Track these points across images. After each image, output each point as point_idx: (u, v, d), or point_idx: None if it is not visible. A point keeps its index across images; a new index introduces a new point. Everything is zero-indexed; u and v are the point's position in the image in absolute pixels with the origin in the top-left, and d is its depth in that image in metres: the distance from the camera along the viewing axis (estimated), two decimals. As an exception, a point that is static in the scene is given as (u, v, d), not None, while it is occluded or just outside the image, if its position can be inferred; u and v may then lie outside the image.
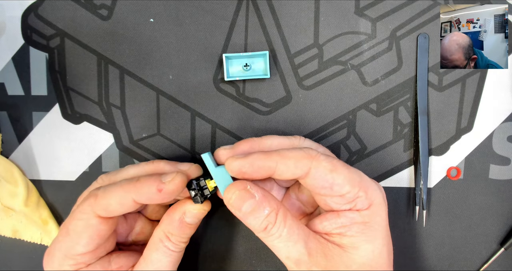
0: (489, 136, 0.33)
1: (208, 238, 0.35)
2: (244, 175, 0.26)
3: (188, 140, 0.34)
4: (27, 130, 0.35)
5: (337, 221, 0.26)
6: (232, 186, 0.26)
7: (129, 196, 0.27)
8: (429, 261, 0.34)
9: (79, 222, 0.27)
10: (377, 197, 0.27)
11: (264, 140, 0.29)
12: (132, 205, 0.27)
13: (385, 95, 0.33)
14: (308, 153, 0.26)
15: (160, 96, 0.34)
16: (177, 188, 0.27)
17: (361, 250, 0.26)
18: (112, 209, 0.27)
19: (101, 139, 0.35)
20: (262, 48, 0.33)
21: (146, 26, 0.33)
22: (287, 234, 0.25)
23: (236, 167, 0.26)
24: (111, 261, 0.29)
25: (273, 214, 0.25)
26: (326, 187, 0.26)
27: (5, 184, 0.35)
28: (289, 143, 0.29)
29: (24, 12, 0.34)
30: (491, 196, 0.33)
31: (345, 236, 0.26)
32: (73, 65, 0.34)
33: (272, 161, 0.26)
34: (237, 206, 0.26)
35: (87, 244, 0.27)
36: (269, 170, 0.26)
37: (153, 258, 0.29)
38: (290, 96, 0.33)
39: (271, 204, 0.26)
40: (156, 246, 0.29)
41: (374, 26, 0.33)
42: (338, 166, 0.26)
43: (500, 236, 0.34)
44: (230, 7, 0.33)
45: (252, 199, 0.26)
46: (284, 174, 0.26)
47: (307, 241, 0.25)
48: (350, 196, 0.26)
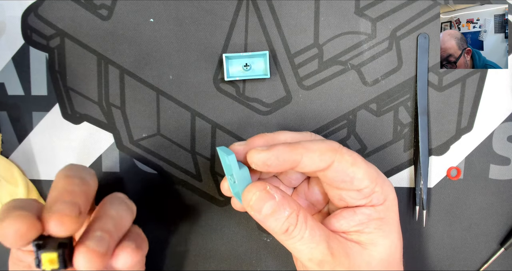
0: (489, 136, 0.33)
1: (208, 238, 0.35)
2: (268, 168, 0.25)
3: (188, 140, 0.34)
4: (27, 130, 0.35)
5: (355, 218, 0.26)
6: (252, 186, 0.25)
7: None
8: (429, 261, 0.34)
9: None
10: (391, 192, 0.27)
11: (277, 135, 0.28)
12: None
13: (385, 95, 0.33)
14: (331, 145, 0.26)
15: (160, 96, 0.34)
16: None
17: (379, 246, 0.26)
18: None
19: (101, 139, 0.35)
20: (262, 48, 0.33)
21: (146, 26, 0.33)
22: (309, 236, 0.24)
23: (261, 160, 0.25)
24: None
25: (294, 216, 0.25)
26: (347, 180, 0.26)
27: (5, 184, 0.35)
28: (302, 137, 0.28)
29: (24, 12, 0.34)
30: (491, 196, 0.33)
31: (364, 233, 0.26)
32: (73, 65, 0.34)
33: (298, 154, 0.25)
34: (257, 208, 0.25)
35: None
36: (294, 163, 0.25)
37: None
38: (290, 96, 0.33)
39: (291, 205, 0.25)
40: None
41: (374, 26, 0.33)
42: (359, 160, 0.26)
43: (500, 236, 0.34)
44: (230, 7, 0.33)
45: (272, 200, 0.25)
46: (307, 167, 0.25)
47: (329, 242, 0.25)
48: (367, 191, 0.26)
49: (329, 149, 0.26)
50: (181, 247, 0.35)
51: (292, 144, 0.25)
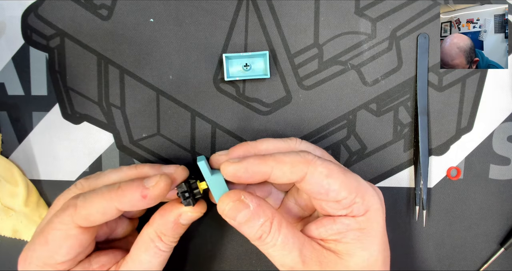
0: (489, 136, 0.33)
1: (208, 238, 0.35)
2: (239, 180, 0.26)
3: (188, 140, 0.34)
4: (27, 130, 0.35)
5: (333, 227, 0.26)
6: (226, 196, 0.26)
7: (111, 204, 0.26)
8: (429, 261, 0.34)
9: (58, 233, 0.26)
10: (374, 202, 0.26)
11: (259, 143, 0.28)
12: (115, 213, 0.26)
13: (385, 95, 0.33)
14: (304, 157, 0.26)
15: (160, 96, 0.34)
16: (162, 192, 0.26)
17: (356, 257, 0.26)
18: (93, 219, 0.26)
19: (101, 139, 0.35)
20: (262, 48, 0.33)
21: (146, 26, 0.33)
22: (282, 243, 0.25)
23: (231, 172, 0.26)
24: (91, 261, 0.28)
25: (268, 223, 0.25)
26: (322, 192, 0.25)
27: (5, 184, 0.35)
28: (285, 146, 0.29)
29: (24, 12, 0.34)
30: (491, 196, 0.33)
31: (341, 243, 0.26)
32: (73, 65, 0.34)
33: (267, 166, 0.25)
34: (231, 217, 0.26)
35: (67, 253, 0.26)
36: (264, 175, 0.26)
37: (142, 259, 0.28)
38: (290, 96, 0.33)
39: (266, 213, 0.26)
40: (146, 246, 0.28)
41: (374, 26, 0.33)
42: (335, 171, 0.26)
43: (500, 236, 0.34)
44: (230, 7, 0.33)
45: (246, 209, 0.25)
46: (279, 179, 0.26)
47: (302, 249, 0.25)
48: (346, 202, 0.26)
49: (301, 161, 0.25)
50: (181, 247, 0.35)
51: (263, 157, 0.26)
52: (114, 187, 0.26)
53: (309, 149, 0.29)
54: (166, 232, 0.28)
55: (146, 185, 0.26)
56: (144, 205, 0.26)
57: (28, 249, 0.27)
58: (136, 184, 0.26)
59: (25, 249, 0.28)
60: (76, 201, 0.26)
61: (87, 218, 0.26)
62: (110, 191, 0.26)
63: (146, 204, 0.26)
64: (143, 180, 0.27)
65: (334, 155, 0.34)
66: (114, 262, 0.29)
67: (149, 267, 0.28)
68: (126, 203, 0.26)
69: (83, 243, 0.27)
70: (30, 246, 0.27)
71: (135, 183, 0.26)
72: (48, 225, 0.27)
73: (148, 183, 0.26)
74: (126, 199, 0.26)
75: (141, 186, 0.26)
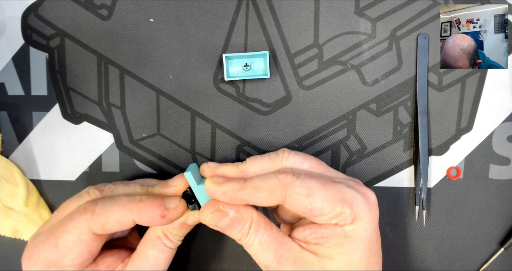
0: (489, 136, 0.33)
1: (208, 238, 0.35)
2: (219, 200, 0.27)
3: (188, 140, 0.34)
4: (27, 130, 0.35)
5: (318, 231, 0.27)
6: (205, 208, 0.27)
7: (130, 216, 0.26)
8: (429, 261, 0.34)
9: (70, 237, 0.26)
10: (363, 209, 0.26)
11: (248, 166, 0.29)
12: (131, 224, 0.26)
13: (385, 95, 0.33)
14: (282, 181, 0.26)
15: (160, 96, 0.34)
16: (179, 216, 0.27)
17: (336, 261, 0.26)
18: (109, 227, 0.26)
19: (101, 139, 0.35)
20: (262, 48, 0.33)
21: (146, 26, 0.33)
22: (258, 243, 0.27)
23: (210, 192, 0.27)
24: (97, 262, 0.29)
25: (246, 227, 0.27)
26: (305, 211, 0.26)
27: (5, 184, 0.35)
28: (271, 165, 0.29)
29: (24, 12, 0.34)
30: (491, 196, 0.33)
31: (322, 246, 0.26)
32: (73, 65, 0.34)
33: (245, 194, 0.26)
34: (213, 225, 0.27)
35: (76, 258, 0.26)
36: (243, 201, 0.27)
37: (149, 254, 0.29)
38: (290, 96, 0.33)
39: (244, 217, 0.27)
40: (154, 243, 0.29)
41: (374, 26, 0.33)
42: (315, 189, 0.26)
43: (500, 236, 0.34)
44: (230, 7, 0.33)
45: (226, 217, 0.27)
46: (259, 204, 0.27)
47: (278, 249, 0.26)
48: (332, 214, 0.26)
49: (279, 186, 0.26)
50: (181, 247, 0.35)
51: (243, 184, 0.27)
52: (135, 198, 0.27)
53: (297, 162, 0.29)
54: (173, 231, 0.29)
55: (167, 205, 0.27)
56: (160, 224, 0.27)
57: (35, 247, 0.27)
58: (158, 203, 0.27)
59: (29, 247, 0.27)
60: (94, 207, 0.26)
61: (103, 225, 0.26)
62: (132, 202, 0.26)
63: (162, 223, 0.27)
64: (164, 198, 0.27)
65: (334, 155, 0.34)
66: (119, 262, 0.29)
67: (156, 262, 0.29)
68: (145, 217, 0.26)
69: (93, 249, 0.27)
70: (38, 244, 0.27)
71: (157, 201, 0.27)
72: (61, 227, 0.26)
73: (169, 205, 0.27)
74: (146, 214, 0.26)
75: (163, 206, 0.27)
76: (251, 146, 0.34)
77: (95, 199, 0.28)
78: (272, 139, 0.34)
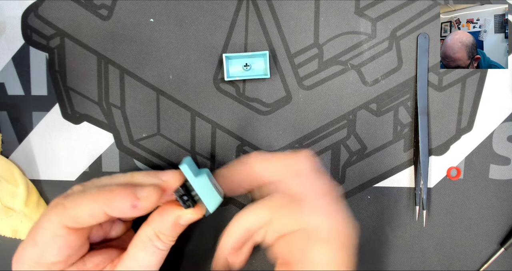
0: (489, 136, 0.33)
1: (208, 238, 0.35)
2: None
3: (188, 140, 0.34)
4: (27, 130, 0.35)
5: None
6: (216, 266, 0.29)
7: (100, 207, 0.25)
8: (429, 261, 0.34)
9: (45, 232, 0.25)
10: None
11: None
12: (104, 217, 0.26)
13: (385, 95, 0.33)
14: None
15: (160, 96, 0.34)
16: (152, 205, 0.26)
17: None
18: (81, 220, 0.26)
19: (101, 139, 0.35)
20: (262, 48, 0.33)
21: (146, 26, 0.33)
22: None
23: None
24: (85, 261, 0.28)
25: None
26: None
27: (5, 184, 0.35)
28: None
29: (24, 12, 0.34)
30: (491, 196, 0.33)
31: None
32: (73, 65, 0.34)
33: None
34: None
35: (57, 254, 0.26)
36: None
37: (140, 257, 0.28)
38: (290, 96, 0.33)
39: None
40: (145, 245, 0.28)
41: (374, 26, 0.33)
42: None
43: (500, 236, 0.34)
44: (230, 7, 0.33)
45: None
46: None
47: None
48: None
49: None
50: (181, 247, 0.35)
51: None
52: (105, 189, 0.26)
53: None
54: (165, 232, 0.28)
55: (138, 194, 0.26)
56: (133, 214, 0.26)
57: (20, 249, 0.27)
58: (128, 192, 0.26)
59: (17, 249, 0.27)
60: (64, 201, 0.26)
61: (75, 219, 0.26)
62: (100, 193, 0.26)
63: (135, 213, 0.26)
64: (135, 188, 0.26)
65: (334, 155, 0.34)
66: (109, 261, 0.28)
67: (146, 265, 0.28)
68: (115, 208, 0.25)
69: (72, 244, 0.26)
70: (21, 245, 0.27)
71: (127, 190, 0.26)
72: (36, 224, 0.26)
73: (140, 193, 0.26)
74: (115, 204, 0.25)
75: (132, 195, 0.26)
76: (251, 146, 0.34)
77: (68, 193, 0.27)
78: (272, 139, 0.34)
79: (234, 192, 0.30)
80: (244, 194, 0.31)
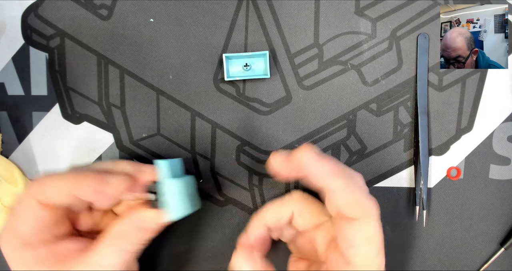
0: (489, 136, 0.33)
1: (208, 238, 0.35)
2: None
3: (188, 140, 0.34)
4: (27, 130, 0.35)
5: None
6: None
7: (67, 188, 0.26)
8: (429, 261, 0.34)
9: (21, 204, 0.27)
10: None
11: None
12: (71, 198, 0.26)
13: (385, 95, 0.33)
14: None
15: (160, 96, 0.34)
16: (118, 193, 0.26)
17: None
18: (49, 196, 0.26)
19: (101, 139, 0.35)
20: (262, 48, 0.33)
21: (146, 26, 0.33)
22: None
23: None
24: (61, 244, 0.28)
25: None
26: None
27: (5, 184, 0.35)
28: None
29: (24, 12, 0.34)
30: (491, 196, 0.33)
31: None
32: (73, 65, 0.34)
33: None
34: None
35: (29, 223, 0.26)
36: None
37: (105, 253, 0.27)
38: (290, 96, 0.33)
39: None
40: (112, 242, 0.27)
41: (374, 26, 0.33)
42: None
43: (500, 236, 0.34)
44: (230, 7, 0.33)
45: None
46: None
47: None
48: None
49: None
50: (181, 247, 0.35)
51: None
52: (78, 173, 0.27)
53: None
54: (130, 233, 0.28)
55: (107, 180, 0.26)
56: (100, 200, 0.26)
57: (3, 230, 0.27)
58: (98, 177, 0.26)
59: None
60: (43, 177, 0.27)
61: (44, 193, 0.26)
62: (73, 174, 0.27)
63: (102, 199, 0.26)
64: (108, 174, 0.27)
65: (334, 155, 0.34)
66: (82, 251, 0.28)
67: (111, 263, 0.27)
68: (81, 190, 0.26)
69: (45, 218, 0.27)
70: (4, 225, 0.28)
71: (98, 175, 0.26)
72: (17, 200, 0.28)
73: (109, 179, 0.26)
74: (82, 186, 0.26)
75: (100, 180, 0.26)
76: (251, 146, 0.34)
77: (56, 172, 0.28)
78: (272, 139, 0.34)
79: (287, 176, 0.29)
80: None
